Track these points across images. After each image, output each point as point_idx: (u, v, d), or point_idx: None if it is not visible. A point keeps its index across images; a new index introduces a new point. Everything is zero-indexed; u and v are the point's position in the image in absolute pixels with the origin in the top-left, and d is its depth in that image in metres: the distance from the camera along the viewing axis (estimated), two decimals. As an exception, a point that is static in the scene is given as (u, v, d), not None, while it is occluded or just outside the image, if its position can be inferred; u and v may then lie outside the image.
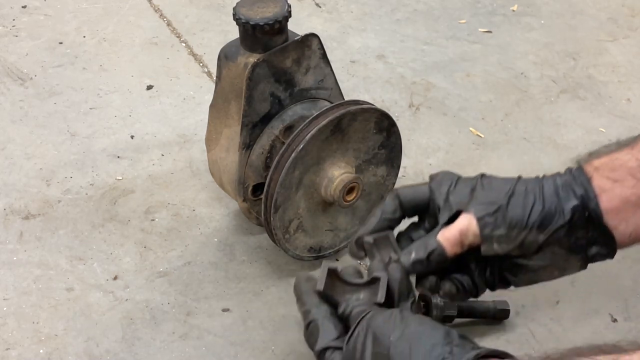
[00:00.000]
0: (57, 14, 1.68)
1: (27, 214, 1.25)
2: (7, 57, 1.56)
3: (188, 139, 1.40)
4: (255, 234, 1.23)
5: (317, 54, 1.09)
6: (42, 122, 1.42)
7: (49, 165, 1.34)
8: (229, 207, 1.27)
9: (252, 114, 1.07)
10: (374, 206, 1.19)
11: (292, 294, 1.15)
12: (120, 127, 1.42)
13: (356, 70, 1.58)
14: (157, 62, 1.57)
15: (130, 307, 1.12)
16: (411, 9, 1.76)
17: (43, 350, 1.06)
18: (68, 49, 1.59)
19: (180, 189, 1.30)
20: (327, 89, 1.13)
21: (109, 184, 1.31)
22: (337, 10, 1.75)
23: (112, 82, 1.52)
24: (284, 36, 1.06)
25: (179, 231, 1.23)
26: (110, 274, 1.16)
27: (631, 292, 1.13)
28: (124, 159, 1.35)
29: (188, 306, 1.12)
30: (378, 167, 1.15)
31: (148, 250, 1.20)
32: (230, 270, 1.18)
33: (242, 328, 1.10)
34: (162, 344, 1.07)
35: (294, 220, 1.10)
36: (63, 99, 1.47)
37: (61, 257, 1.19)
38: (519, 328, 1.11)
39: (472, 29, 1.69)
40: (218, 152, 1.14)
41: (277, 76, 1.06)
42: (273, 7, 1.04)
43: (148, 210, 1.26)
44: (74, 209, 1.26)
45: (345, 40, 1.66)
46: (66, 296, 1.13)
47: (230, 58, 1.07)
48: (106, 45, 1.61)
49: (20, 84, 1.50)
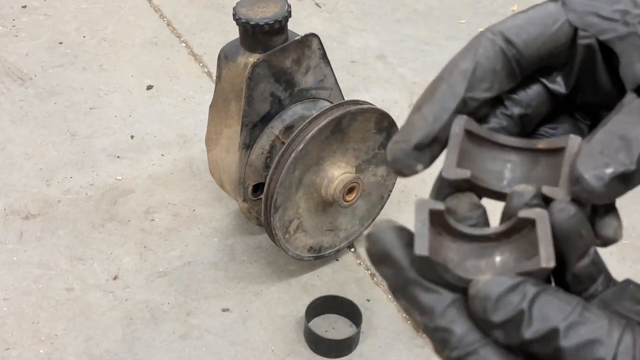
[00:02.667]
0: (57, 14, 1.68)
1: (27, 214, 1.25)
2: (7, 57, 1.56)
3: (188, 139, 1.40)
4: (255, 234, 1.23)
5: (317, 54, 1.09)
6: (42, 122, 1.42)
7: (49, 165, 1.34)
8: (229, 207, 1.27)
9: (252, 114, 1.07)
10: (374, 206, 1.19)
11: (292, 294, 1.16)
12: (120, 127, 1.42)
13: (356, 70, 1.58)
14: (157, 62, 1.57)
15: (130, 307, 1.12)
16: (411, 9, 1.76)
17: (43, 350, 1.06)
18: (68, 49, 1.59)
19: (180, 189, 1.30)
20: (327, 89, 1.13)
21: (109, 184, 1.31)
22: (337, 10, 1.75)
23: (112, 82, 1.52)
24: (283, 36, 1.06)
25: (179, 231, 1.23)
26: (110, 274, 1.16)
27: (631, 292, 1.13)
28: (124, 159, 1.35)
29: (188, 306, 1.12)
30: (378, 167, 1.15)
31: (148, 250, 1.20)
32: (230, 270, 1.18)
33: (242, 328, 1.10)
34: (162, 344, 1.07)
35: (294, 220, 1.10)
36: (63, 99, 1.47)
37: (61, 257, 1.19)
38: (519, 328, 1.11)
39: (472, 29, 1.69)
40: (218, 152, 1.14)
41: (277, 76, 1.06)
42: (273, 7, 1.04)
43: (148, 210, 1.26)
44: (73, 209, 1.26)
45: (345, 40, 1.66)
46: (66, 296, 1.13)
47: (230, 58, 1.07)
48: (106, 45, 1.61)
49: (20, 84, 1.50)
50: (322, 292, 1.14)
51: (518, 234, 0.40)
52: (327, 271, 1.19)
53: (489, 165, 0.43)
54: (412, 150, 0.42)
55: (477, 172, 0.42)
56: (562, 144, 0.42)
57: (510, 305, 0.36)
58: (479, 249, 0.40)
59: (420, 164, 0.42)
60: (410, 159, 0.42)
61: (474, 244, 0.41)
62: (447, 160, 0.41)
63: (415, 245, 0.38)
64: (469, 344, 0.37)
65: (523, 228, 0.40)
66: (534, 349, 0.36)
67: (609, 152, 0.39)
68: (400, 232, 0.39)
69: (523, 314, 0.36)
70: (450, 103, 0.42)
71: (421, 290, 0.38)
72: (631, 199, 0.50)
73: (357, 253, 1.23)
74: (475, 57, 0.43)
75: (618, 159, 0.38)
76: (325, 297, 1.12)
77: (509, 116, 0.44)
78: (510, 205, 0.41)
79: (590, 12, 0.42)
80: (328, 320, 1.13)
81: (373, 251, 0.39)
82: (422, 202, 0.39)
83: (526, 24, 0.43)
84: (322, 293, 1.14)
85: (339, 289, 1.16)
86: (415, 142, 0.42)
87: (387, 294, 1.16)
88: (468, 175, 0.41)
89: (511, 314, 0.36)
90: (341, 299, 1.12)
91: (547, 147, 0.43)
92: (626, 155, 0.39)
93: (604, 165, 0.38)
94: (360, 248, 1.23)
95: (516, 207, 0.40)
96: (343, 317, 1.13)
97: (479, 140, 0.43)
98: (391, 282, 0.39)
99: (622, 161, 0.38)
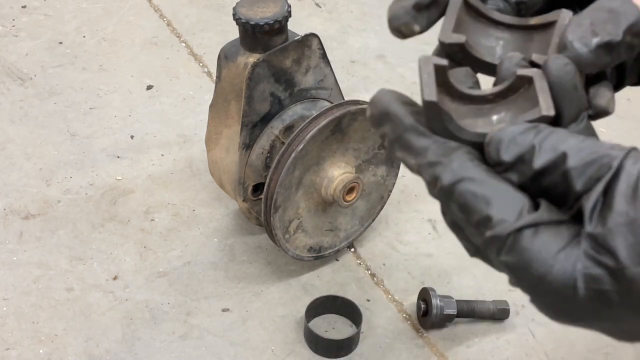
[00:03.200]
0: (57, 14, 1.68)
1: (26, 214, 1.25)
2: (7, 57, 1.56)
3: (188, 139, 1.40)
4: (255, 234, 1.23)
5: (317, 54, 1.09)
6: (42, 122, 1.42)
7: (49, 165, 1.33)
8: (229, 207, 1.27)
9: (252, 114, 1.07)
10: (374, 206, 1.19)
11: (292, 294, 1.16)
12: (120, 127, 1.42)
13: (356, 70, 1.58)
14: (157, 62, 1.57)
15: (130, 307, 1.12)
16: (411, 9, 1.76)
17: (43, 350, 1.06)
18: (68, 49, 1.59)
19: (180, 189, 1.30)
20: (327, 89, 1.13)
21: (109, 184, 1.30)
22: (337, 10, 1.75)
23: (112, 82, 1.52)
24: (283, 36, 1.06)
25: (179, 231, 1.23)
26: (110, 274, 1.16)
27: (631, 292, 1.13)
28: (123, 159, 1.35)
29: (188, 306, 1.12)
30: (378, 167, 1.15)
31: (148, 250, 1.20)
32: (230, 270, 1.18)
33: (242, 328, 1.10)
34: (162, 344, 1.07)
35: (294, 221, 1.10)
36: (63, 99, 1.47)
37: (61, 257, 1.18)
38: (519, 328, 1.11)
39: (472, 29, 1.69)
40: (218, 152, 1.14)
41: (277, 76, 1.06)
42: (273, 7, 1.04)
43: (148, 210, 1.26)
44: (73, 209, 1.26)
45: (345, 40, 1.66)
46: (66, 296, 1.13)
47: (230, 58, 1.07)
48: (106, 45, 1.61)
49: (20, 84, 1.50)
50: (322, 292, 1.14)
51: (514, 93, 0.42)
52: (327, 271, 1.19)
53: (482, 40, 0.45)
54: (411, 8, 0.44)
55: (471, 43, 0.44)
56: (554, 17, 0.43)
57: (523, 142, 0.38)
58: (476, 109, 0.42)
59: (417, 24, 0.44)
60: (409, 16, 0.44)
61: (471, 105, 0.42)
62: (445, 25, 0.43)
63: (423, 92, 0.39)
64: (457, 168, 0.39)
65: (519, 88, 0.42)
66: (544, 181, 0.38)
67: (597, 23, 0.41)
68: (399, 94, 0.42)
69: (534, 148, 0.38)
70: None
71: (415, 134, 0.40)
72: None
73: (357, 253, 1.23)
74: None
75: (605, 29, 0.41)
76: (325, 297, 1.12)
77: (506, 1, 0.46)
78: (502, 68, 0.43)
79: None
80: (328, 320, 1.13)
81: (374, 111, 0.42)
82: (427, 58, 0.41)
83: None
84: (322, 293, 1.14)
85: (339, 289, 1.16)
86: (415, 1, 0.44)
87: (387, 294, 1.16)
88: (463, 40, 0.43)
89: (524, 150, 0.38)
90: (341, 299, 1.12)
91: (539, 23, 0.44)
92: (613, 26, 0.41)
93: (592, 34, 0.41)
94: (360, 248, 1.23)
95: (508, 70, 0.43)
96: (343, 317, 1.13)
97: (475, 14, 0.44)
98: (389, 136, 0.41)
99: (608, 31, 0.41)
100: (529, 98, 0.41)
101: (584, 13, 0.42)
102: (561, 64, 0.41)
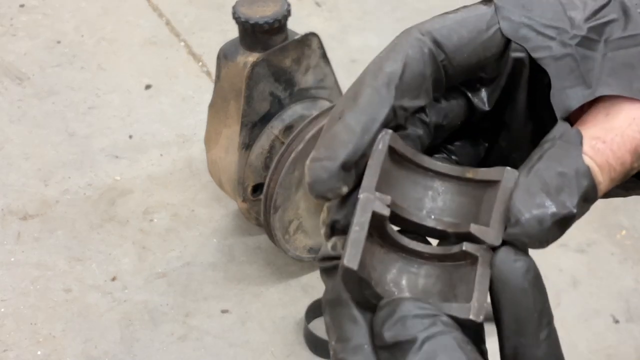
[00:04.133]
0: (56, 13, 1.68)
1: (25, 215, 1.24)
2: (5, 57, 1.55)
3: (187, 139, 1.39)
4: (254, 235, 1.22)
5: (317, 54, 1.09)
6: (40, 122, 1.42)
7: (47, 166, 1.33)
8: (228, 208, 1.26)
9: (252, 113, 1.06)
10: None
11: (292, 295, 1.16)
12: (118, 127, 1.41)
13: (356, 70, 1.57)
14: (156, 61, 1.57)
15: (128, 308, 1.11)
16: (411, 7, 1.75)
17: (41, 351, 1.05)
18: (66, 49, 1.58)
19: (179, 189, 1.30)
20: (327, 89, 1.12)
21: (108, 184, 1.30)
22: (337, 9, 1.74)
23: (111, 82, 1.51)
24: (283, 35, 1.05)
25: (178, 232, 1.22)
26: (109, 275, 1.16)
27: (633, 293, 1.12)
28: (122, 159, 1.35)
29: (187, 307, 1.12)
30: (378, 167, 1.15)
31: (147, 251, 1.19)
32: (229, 271, 1.17)
33: (241, 329, 1.10)
34: (160, 345, 1.07)
35: (294, 221, 1.10)
36: (61, 99, 1.47)
37: (59, 257, 1.18)
38: (520, 329, 1.11)
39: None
40: (217, 152, 1.13)
41: (277, 75, 1.06)
42: (273, 6, 1.03)
43: (147, 210, 1.26)
44: (72, 209, 1.25)
45: (345, 39, 1.65)
46: (64, 297, 1.12)
47: (230, 57, 1.07)
48: (105, 45, 1.60)
49: (19, 83, 1.50)
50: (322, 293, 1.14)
51: (453, 263, 0.36)
52: (327, 272, 1.19)
53: (409, 191, 0.38)
54: (338, 169, 0.35)
55: (396, 197, 0.37)
56: (496, 176, 0.37)
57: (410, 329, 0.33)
58: (406, 262, 0.37)
59: (345, 185, 0.35)
60: (336, 180, 0.35)
61: (402, 256, 0.37)
62: (366, 181, 0.36)
63: (345, 254, 0.34)
64: None
65: (460, 260, 0.36)
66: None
67: (549, 190, 0.34)
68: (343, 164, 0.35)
69: (414, 343, 0.33)
70: (379, 112, 0.36)
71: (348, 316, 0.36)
72: (635, 199, 0.49)
73: (357, 254, 1.22)
74: (402, 58, 0.37)
75: (560, 200, 0.34)
76: (325, 298, 1.11)
77: (426, 124, 0.39)
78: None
79: (525, 25, 0.38)
80: (328, 321, 1.12)
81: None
82: (367, 200, 0.35)
83: (458, 27, 0.38)
84: (321, 294, 1.13)
85: (339, 290, 1.16)
86: (343, 160, 0.35)
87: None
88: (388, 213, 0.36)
89: (404, 338, 0.33)
90: (341, 300, 1.11)
91: (477, 178, 0.38)
92: (568, 196, 0.34)
93: (546, 206, 0.34)
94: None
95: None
96: (343, 318, 1.12)
97: (401, 161, 0.38)
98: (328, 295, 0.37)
99: (563, 203, 0.34)
100: (464, 280, 0.35)
101: (531, 176, 0.35)
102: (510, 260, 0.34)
